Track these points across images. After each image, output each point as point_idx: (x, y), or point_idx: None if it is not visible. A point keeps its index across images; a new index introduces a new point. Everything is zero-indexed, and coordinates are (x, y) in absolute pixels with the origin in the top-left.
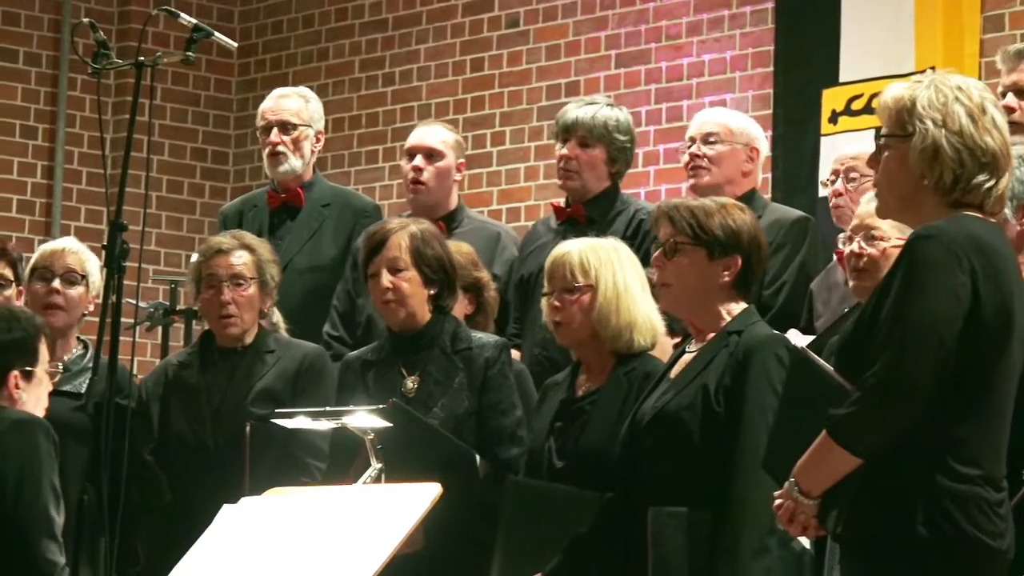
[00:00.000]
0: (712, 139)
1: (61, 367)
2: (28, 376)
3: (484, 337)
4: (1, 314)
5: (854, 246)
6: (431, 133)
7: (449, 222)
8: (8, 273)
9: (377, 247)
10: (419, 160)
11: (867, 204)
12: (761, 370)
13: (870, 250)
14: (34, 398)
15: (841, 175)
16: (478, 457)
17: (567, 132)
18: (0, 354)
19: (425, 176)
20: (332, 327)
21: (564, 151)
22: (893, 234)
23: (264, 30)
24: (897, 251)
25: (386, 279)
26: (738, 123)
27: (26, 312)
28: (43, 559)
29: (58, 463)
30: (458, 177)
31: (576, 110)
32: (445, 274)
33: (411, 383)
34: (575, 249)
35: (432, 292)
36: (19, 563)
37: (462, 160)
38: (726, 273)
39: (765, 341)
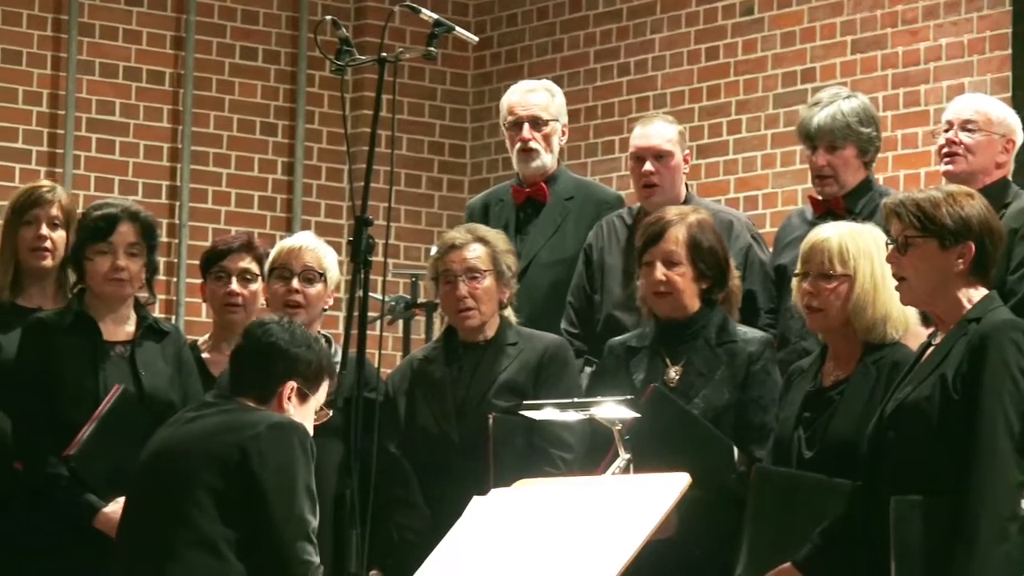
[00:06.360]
0: (970, 126)
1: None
2: (303, 397)
3: (749, 332)
4: (308, 334)
5: None
6: (655, 133)
7: None
8: (254, 268)
9: (654, 238)
10: (649, 165)
11: None
12: (997, 356)
13: None
14: (299, 419)
15: None
16: (736, 450)
17: (812, 140)
18: (291, 361)
19: (658, 179)
20: (569, 324)
21: (815, 159)
22: None
23: (499, 23)
24: None
25: (660, 271)
26: (998, 113)
27: (327, 350)
28: (297, 560)
29: (314, 466)
30: (686, 169)
31: (816, 116)
32: (719, 268)
33: (674, 372)
34: (835, 235)
35: (704, 286)
36: (275, 564)
37: (687, 151)
38: (960, 261)
39: (1001, 326)
